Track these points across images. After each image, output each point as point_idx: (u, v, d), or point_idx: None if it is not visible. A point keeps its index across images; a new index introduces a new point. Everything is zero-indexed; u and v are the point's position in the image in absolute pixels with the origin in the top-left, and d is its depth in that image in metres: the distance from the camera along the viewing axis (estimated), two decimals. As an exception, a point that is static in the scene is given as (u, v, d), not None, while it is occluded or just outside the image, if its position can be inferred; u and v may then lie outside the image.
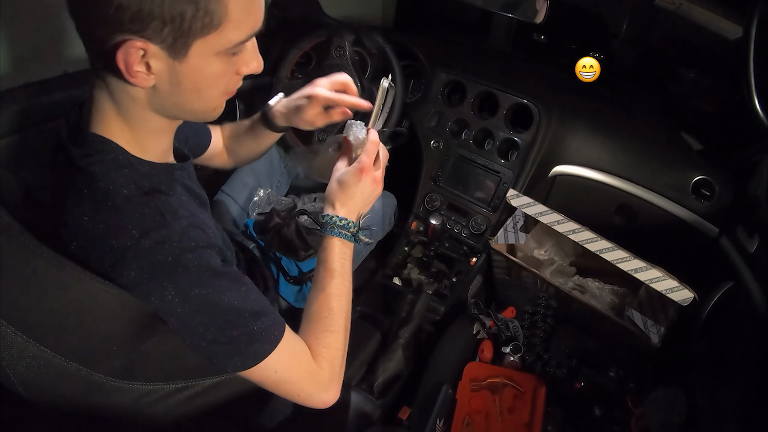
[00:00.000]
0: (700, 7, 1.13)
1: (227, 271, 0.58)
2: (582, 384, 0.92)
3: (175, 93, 0.55)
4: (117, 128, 0.57)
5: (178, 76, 0.53)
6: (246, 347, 0.58)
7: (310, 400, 0.65)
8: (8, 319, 0.49)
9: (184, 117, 0.61)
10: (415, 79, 1.42)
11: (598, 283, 1.11)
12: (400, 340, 0.95)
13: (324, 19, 1.44)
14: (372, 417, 0.86)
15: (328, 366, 0.66)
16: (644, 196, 1.13)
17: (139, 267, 0.52)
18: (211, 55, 0.53)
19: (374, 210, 1.24)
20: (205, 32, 0.51)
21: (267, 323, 0.60)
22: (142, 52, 0.50)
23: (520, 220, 1.14)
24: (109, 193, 0.53)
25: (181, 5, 0.48)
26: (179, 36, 0.50)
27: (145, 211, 0.54)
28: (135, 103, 0.56)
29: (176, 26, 0.49)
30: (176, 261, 0.53)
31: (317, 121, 0.85)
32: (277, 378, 0.61)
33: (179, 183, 0.64)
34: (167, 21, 0.48)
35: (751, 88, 0.85)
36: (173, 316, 0.55)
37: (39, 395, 0.55)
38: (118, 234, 0.52)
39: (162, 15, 0.48)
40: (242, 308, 0.58)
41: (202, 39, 0.51)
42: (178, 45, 0.51)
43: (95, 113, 0.57)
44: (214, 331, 0.56)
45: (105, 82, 0.55)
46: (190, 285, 0.54)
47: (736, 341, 0.87)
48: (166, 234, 0.53)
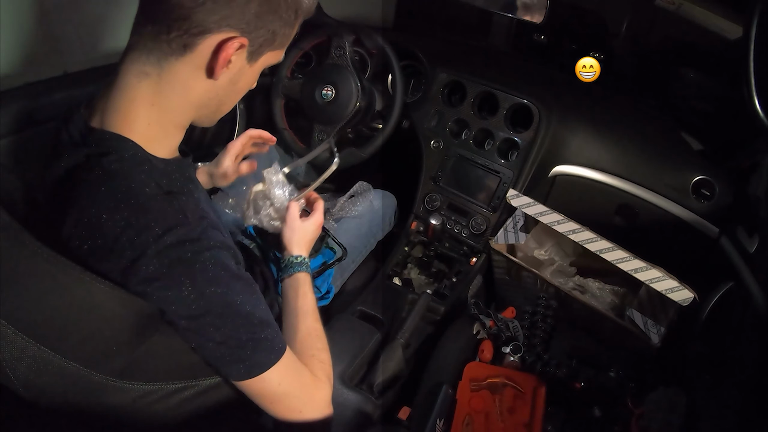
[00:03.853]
0: (700, 7, 1.13)
1: (241, 275, 0.59)
2: (582, 384, 0.92)
3: (228, 91, 0.61)
4: (137, 124, 0.57)
5: (239, 77, 0.60)
6: (252, 354, 0.58)
7: (309, 417, 0.64)
8: (8, 319, 0.49)
9: (208, 115, 0.64)
10: (415, 79, 1.42)
11: (598, 283, 1.11)
12: (400, 340, 0.95)
13: (324, 19, 1.44)
14: (372, 417, 0.86)
15: (326, 384, 0.67)
16: (644, 196, 1.13)
17: (159, 262, 0.52)
18: (262, 66, 0.62)
19: (374, 210, 1.24)
20: (274, 48, 0.60)
21: (272, 334, 0.60)
22: (238, 47, 0.55)
23: (520, 220, 1.14)
24: (130, 191, 0.53)
25: (280, 21, 0.57)
26: (264, 45, 0.59)
27: (168, 209, 0.54)
28: (185, 93, 0.58)
29: (270, 36, 0.58)
30: (195, 258, 0.54)
31: (231, 173, 0.93)
32: (281, 391, 0.61)
33: (191, 180, 0.64)
34: (272, 28, 0.57)
35: (751, 88, 0.85)
36: (185, 315, 0.54)
37: (39, 395, 0.55)
38: (141, 231, 0.52)
39: (268, 24, 0.56)
40: (252, 314, 0.58)
41: (270, 53, 0.61)
42: (259, 52, 0.59)
43: (113, 110, 0.57)
44: (224, 332, 0.56)
45: (162, 69, 0.55)
46: (206, 282, 0.54)
47: (736, 341, 0.87)
48: (187, 232, 0.54)
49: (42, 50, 0.91)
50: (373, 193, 1.25)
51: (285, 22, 0.58)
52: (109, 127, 0.57)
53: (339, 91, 1.23)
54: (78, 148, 0.57)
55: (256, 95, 1.47)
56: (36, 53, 0.90)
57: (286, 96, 1.33)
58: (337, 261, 1.07)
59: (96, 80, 0.96)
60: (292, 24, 0.60)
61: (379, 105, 1.30)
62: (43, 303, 0.51)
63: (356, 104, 1.23)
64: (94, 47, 1.01)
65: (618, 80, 1.40)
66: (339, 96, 1.23)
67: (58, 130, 0.61)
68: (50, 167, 0.60)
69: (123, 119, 0.57)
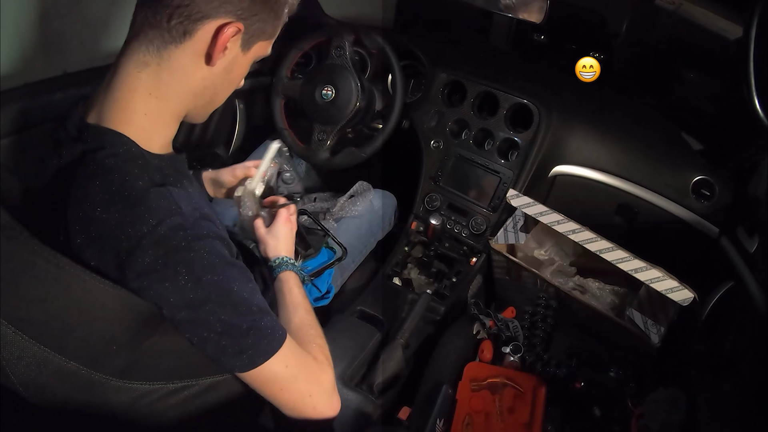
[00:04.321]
0: (700, 7, 1.13)
1: (236, 263, 0.60)
2: (582, 384, 0.92)
3: (223, 79, 0.63)
4: (135, 115, 0.59)
5: (233, 65, 0.63)
6: (255, 342, 0.58)
7: (319, 403, 0.64)
8: (8, 318, 0.49)
9: (203, 106, 0.66)
10: (415, 79, 1.42)
11: (598, 283, 1.11)
12: (400, 340, 0.95)
13: (324, 19, 1.44)
14: (372, 417, 0.86)
15: (329, 366, 0.67)
16: (644, 196, 1.13)
17: (154, 253, 0.53)
18: (252, 57, 0.65)
19: (374, 210, 1.24)
20: (264, 38, 0.64)
21: (272, 321, 0.61)
22: (234, 33, 0.58)
23: (520, 220, 1.14)
24: (124, 184, 0.54)
25: (270, 12, 0.61)
26: (256, 33, 0.62)
27: (161, 201, 0.55)
28: (184, 81, 0.60)
29: (261, 25, 0.61)
30: (190, 246, 0.54)
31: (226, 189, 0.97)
32: (288, 375, 0.61)
33: (184, 175, 0.65)
34: (263, 17, 0.60)
35: (751, 88, 0.85)
36: (184, 305, 0.54)
37: (39, 395, 0.55)
38: (135, 223, 0.53)
39: (260, 12, 0.59)
40: (251, 301, 0.59)
41: (261, 42, 0.64)
42: (251, 41, 0.62)
43: (111, 103, 0.59)
44: (224, 321, 0.56)
45: (162, 57, 0.58)
46: (203, 270, 0.55)
47: (736, 341, 0.87)
48: (181, 222, 0.54)
49: (42, 50, 0.91)
50: (373, 193, 1.25)
51: (275, 13, 0.62)
52: (106, 121, 0.58)
53: (339, 91, 1.23)
54: (74, 143, 0.58)
55: (256, 95, 1.47)
56: (36, 53, 0.90)
57: (286, 96, 1.33)
58: (337, 261, 1.07)
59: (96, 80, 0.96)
60: (279, 16, 0.64)
61: (379, 105, 1.30)
62: (44, 303, 0.51)
63: (356, 104, 1.23)
64: (94, 47, 1.01)
65: (618, 80, 1.39)
66: (339, 96, 1.23)
67: (57, 127, 0.62)
68: (48, 164, 0.61)
69: (120, 111, 0.58)
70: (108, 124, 0.58)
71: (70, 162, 0.58)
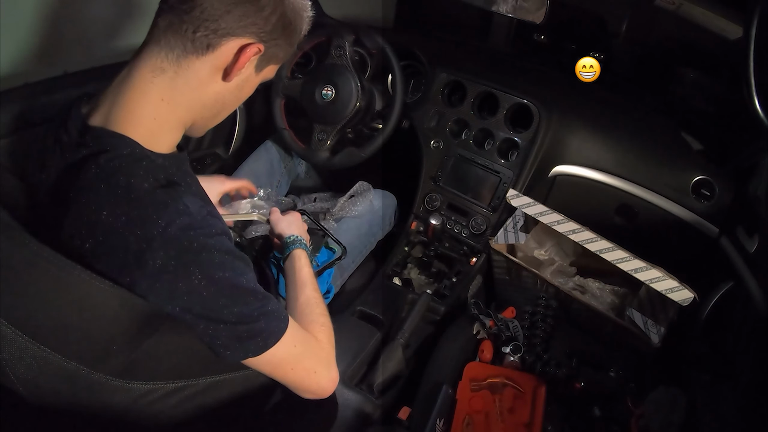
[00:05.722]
0: (700, 7, 1.13)
1: (242, 255, 0.61)
2: (582, 384, 0.92)
3: (233, 95, 0.65)
4: (142, 119, 0.59)
5: (246, 83, 0.65)
6: (266, 325, 0.60)
7: (322, 378, 0.67)
8: (8, 319, 0.49)
9: (208, 119, 0.67)
10: (415, 79, 1.42)
11: (598, 283, 1.11)
12: (400, 340, 0.95)
13: (324, 19, 1.44)
14: (372, 417, 0.86)
15: (328, 343, 0.71)
16: (644, 196, 1.13)
17: (166, 254, 0.53)
18: (261, 78, 0.67)
19: (374, 210, 1.24)
20: (275, 62, 0.67)
21: (276, 305, 0.62)
22: (255, 53, 0.61)
23: (520, 220, 1.14)
24: (130, 187, 0.54)
25: (287, 39, 0.64)
26: (272, 56, 0.64)
27: (169, 201, 0.54)
28: (198, 92, 0.61)
29: (277, 50, 0.64)
30: (201, 246, 0.55)
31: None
32: (297, 352, 0.64)
33: (188, 174, 0.66)
34: (280, 43, 0.63)
35: (751, 88, 0.85)
36: (199, 303, 0.55)
37: (39, 395, 0.55)
38: (144, 224, 0.52)
39: (282, 37, 0.63)
40: (257, 290, 0.61)
41: (272, 66, 0.67)
42: (266, 62, 0.65)
43: (119, 105, 0.59)
44: (237, 312, 0.57)
45: (180, 66, 0.59)
46: (215, 268, 0.56)
47: (736, 341, 0.87)
48: (190, 222, 0.54)
49: (42, 50, 0.91)
50: (373, 193, 1.25)
51: (291, 41, 0.65)
52: (112, 124, 0.58)
53: (339, 91, 1.23)
54: (76, 147, 0.58)
55: (256, 95, 1.47)
56: (36, 53, 0.90)
57: (286, 96, 1.33)
58: (336, 261, 1.07)
59: (96, 80, 0.96)
60: (293, 44, 0.67)
61: (379, 105, 1.30)
62: (44, 303, 0.51)
63: (356, 104, 1.23)
64: (94, 47, 1.01)
65: (618, 80, 1.39)
66: (339, 96, 1.23)
67: (57, 129, 0.61)
68: (49, 166, 0.60)
69: (129, 114, 0.58)
70: (114, 126, 0.58)
71: (71, 164, 0.57)
